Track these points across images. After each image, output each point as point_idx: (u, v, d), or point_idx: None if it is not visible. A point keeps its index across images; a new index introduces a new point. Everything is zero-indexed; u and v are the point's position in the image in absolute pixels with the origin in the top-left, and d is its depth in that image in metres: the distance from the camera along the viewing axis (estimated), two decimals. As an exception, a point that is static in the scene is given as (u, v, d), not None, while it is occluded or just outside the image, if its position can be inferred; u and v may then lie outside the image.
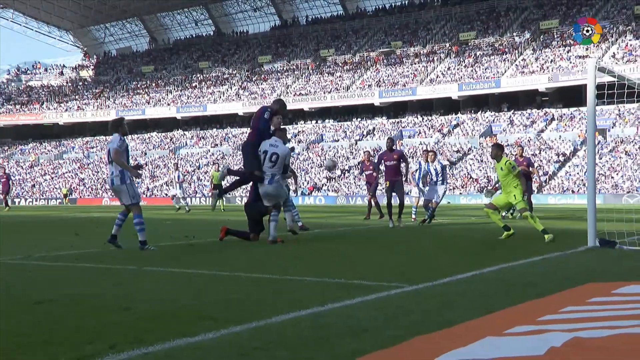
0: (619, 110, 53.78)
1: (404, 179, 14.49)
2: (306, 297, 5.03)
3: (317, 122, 69.99)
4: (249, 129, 10.79)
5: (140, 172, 9.63)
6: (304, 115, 70.85)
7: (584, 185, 44.07)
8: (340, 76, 70.80)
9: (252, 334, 3.81)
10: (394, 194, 14.23)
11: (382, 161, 14.55)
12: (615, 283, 5.65)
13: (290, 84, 72.74)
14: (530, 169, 17.46)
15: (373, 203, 18.13)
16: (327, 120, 69.92)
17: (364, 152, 20.32)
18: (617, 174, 45.94)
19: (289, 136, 13.20)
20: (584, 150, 49.28)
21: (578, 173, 47.16)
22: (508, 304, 4.69)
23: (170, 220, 19.54)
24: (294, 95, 69.87)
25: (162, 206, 42.26)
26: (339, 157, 60.20)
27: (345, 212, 25.04)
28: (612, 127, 52.83)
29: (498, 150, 10.75)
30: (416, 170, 15.84)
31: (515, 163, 10.92)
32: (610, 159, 48.22)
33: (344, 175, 55.78)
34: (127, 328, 3.99)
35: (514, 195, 10.69)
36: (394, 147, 14.68)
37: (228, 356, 3.35)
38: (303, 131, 68.16)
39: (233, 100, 73.05)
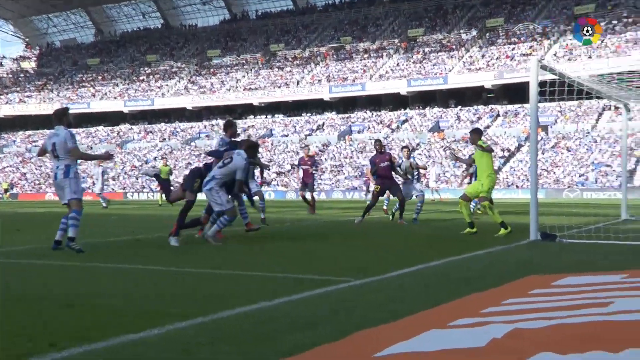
0: (561, 107, 55.22)
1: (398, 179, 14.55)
2: (254, 293, 5.01)
3: (266, 117, 69.74)
4: (197, 123, 10.58)
5: (112, 154, 9.48)
6: (254, 110, 70.50)
7: (528, 180, 45.16)
8: (290, 71, 70.67)
9: (197, 330, 3.77)
10: (392, 196, 14.15)
11: (375, 164, 14.40)
12: (554, 275, 5.80)
13: (240, 78, 72.27)
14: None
15: (309, 197, 18.15)
16: (276, 115, 69.74)
17: (302, 147, 20.27)
18: (558, 169, 47.18)
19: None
20: (528, 146, 50.48)
21: (522, 168, 48.23)
22: (452, 297, 4.77)
23: (116, 215, 19.21)
24: (244, 90, 69.47)
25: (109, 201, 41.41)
26: (289, 152, 60.14)
27: (296, 207, 25.03)
28: (554, 124, 54.20)
29: (476, 135, 10.87)
30: (397, 166, 15.74)
31: (485, 143, 11.04)
32: (552, 154, 49.48)
33: (294, 170, 55.76)
34: (68, 325, 3.91)
35: (482, 184, 10.78)
36: (383, 149, 14.67)
37: (172, 352, 3.31)
38: (252, 126, 67.82)
39: (182, 94, 72.18)
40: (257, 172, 14.40)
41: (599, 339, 3.34)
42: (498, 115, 58.24)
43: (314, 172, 18.14)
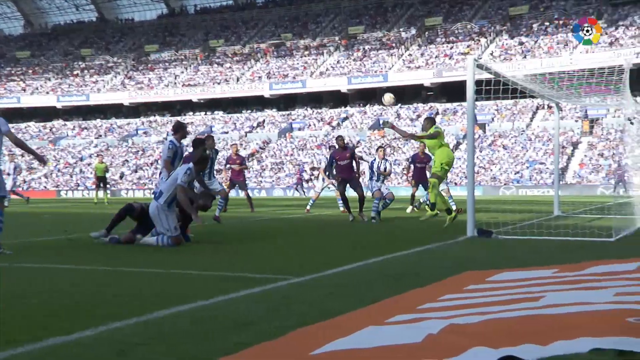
0: (497, 106, 56.60)
1: (357, 175, 14.44)
2: (191, 292, 4.97)
3: (206, 114, 69.08)
4: (134, 119, 10.26)
5: (45, 158, 8.67)
6: (193, 107, 69.73)
7: (466, 177, 46.11)
8: (229, 67, 70.18)
9: (132, 330, 3.71)
10: (352, 191, 14.16)
11: (335, 160, 14.25)
12: (490, 271, 5.96)
13: (179, 74, 71.32)
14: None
15: (244, 195, 18.16)
16: (216, 112, 69.15)
17: (231, 145, 20.15)
18: (495, 167, 48.37)
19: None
20: (466, 144, 51.57)
21: (460, 166, 49.23)
22: (391, 293, 4.84)
23: (49, 214, 18.71)
24: (182, 86, 68.59)
25: (40, 199, 40.33)
26: (228, 149, 59.69)
27: (235, 204, 24.91)
28: (491, 122, 55.53)
29: (427, 123, 11.56)
30: (371, 167, 15.65)
31: (438, 129, 11.51)
32: (489, 152, 50.69)
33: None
34: (-4, 328, 3.78)
35: (435, 163, 11.32)
36: (346, 145, 14.55)
37: (106, 353, 3.25)
38: (192, 122, 67.06)
39: (118, 89, 70.72)
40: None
41: (530, 333, 3.45)
42: (437, 113, 59.24)
43: (244, 170, 18.01)
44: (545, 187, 43.49)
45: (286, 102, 67.87)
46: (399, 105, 62.54)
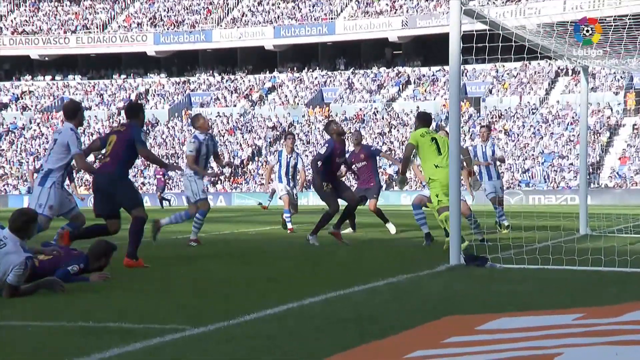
0: (497, 72, 57.57)
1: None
2: (61, 351, 5.00)
3: (54, 79, 67.98)
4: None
5: None
6: (32, 67, 68.55)
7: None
8: (91, 7, 69.28)
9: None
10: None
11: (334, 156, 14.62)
12: (481, 316, 6.10)
13: (7, 15, 69.90)
14: (378, 157, 18.36)
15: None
16: (70, 76, 68.14)
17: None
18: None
19: None
20: (449, 128, 52.21)
21: (442, 161, 49.96)
22: (337, 347, 4.93)
23: None
24: (14, 34, 67.17)
25: None
26: (92, 133, 58.89)
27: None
28: (488, 96, 56.40)
29: (419, 123, 12.50)
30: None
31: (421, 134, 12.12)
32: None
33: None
34: None
35: (430, 191, 12.13)
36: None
37: None
38: (31, 92, 65.85)
39: None
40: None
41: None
42: (408, 82, 59.83)
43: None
44: (568, 192, 44.49)
45: (181, 64, 67.41)
46: (352, 69, 62.87)
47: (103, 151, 10.68)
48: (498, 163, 17.21)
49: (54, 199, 10.05)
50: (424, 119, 12.72)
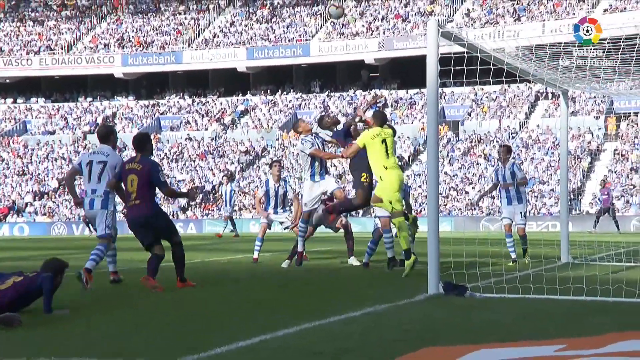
0: (476, 95, 57.87)
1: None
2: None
3: (15, 102, 67.66)
4: None
5: None
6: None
7: (426, 204, 46.68)
8: (55, 27, 69.13)
9: None
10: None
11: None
12: (460, 347, 6.11)
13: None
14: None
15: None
16: (33, 99, 67.82)
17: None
18: (473, 188, 49.32)
19: None
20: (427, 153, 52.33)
21: (420, 187, 49.98)
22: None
23: None
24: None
25: None
26: (56, 159, 58.67)
27: (73, 248, 24.50)
28: (467, 119, 56.64)
29: (375, 121, 12.65)
30: None
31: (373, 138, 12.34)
32: (464, 165, 51.64)
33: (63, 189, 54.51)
34: None
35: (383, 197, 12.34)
36: None
37: None
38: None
39: None
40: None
41: None
42: (385, 105, 60.00)
43: None
44: (549, 218, 44.68)
45: (151, 86, 67.33)
46: (327, 92, 62.94)
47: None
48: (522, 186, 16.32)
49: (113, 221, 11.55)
50: (381, 118, 12.86)
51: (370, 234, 16.03)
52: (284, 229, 16.81)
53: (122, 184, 11.23)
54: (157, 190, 11.18)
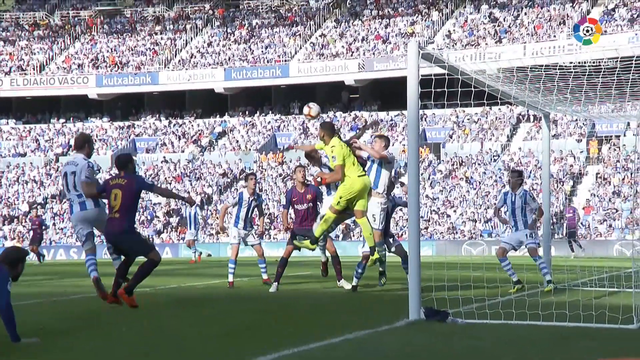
0: (457, 117, 58.06)
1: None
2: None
3: (-16, 123, 67.43)
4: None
5: None
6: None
7: (407, 227, 46.72)
8: (27, 47, 68.93)
9: None
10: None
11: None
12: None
13: None
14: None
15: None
16: (3, 120, 67.47)
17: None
18: (454, 212, 49.44)
19: None
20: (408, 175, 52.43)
21: (400, 210, 50.05)
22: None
23: None
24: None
25: None
26: (26, 182, 58.36)
27: (43, 273, 24.42)
28: (448, 141, 56.77)
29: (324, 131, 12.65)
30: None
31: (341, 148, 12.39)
32: (445, 187, 51.75)
33: (36, 210, 54.25)
34: None
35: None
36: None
37: None
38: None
39: None
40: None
41: None
42: (365, 127, 60.06)
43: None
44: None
45: (126, 107, 67.17)
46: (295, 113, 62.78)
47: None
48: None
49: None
50: (331, 129, 12.82)
51: (351, 258, 16.13)
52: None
53: (106, 199, 11.57)
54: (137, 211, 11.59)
